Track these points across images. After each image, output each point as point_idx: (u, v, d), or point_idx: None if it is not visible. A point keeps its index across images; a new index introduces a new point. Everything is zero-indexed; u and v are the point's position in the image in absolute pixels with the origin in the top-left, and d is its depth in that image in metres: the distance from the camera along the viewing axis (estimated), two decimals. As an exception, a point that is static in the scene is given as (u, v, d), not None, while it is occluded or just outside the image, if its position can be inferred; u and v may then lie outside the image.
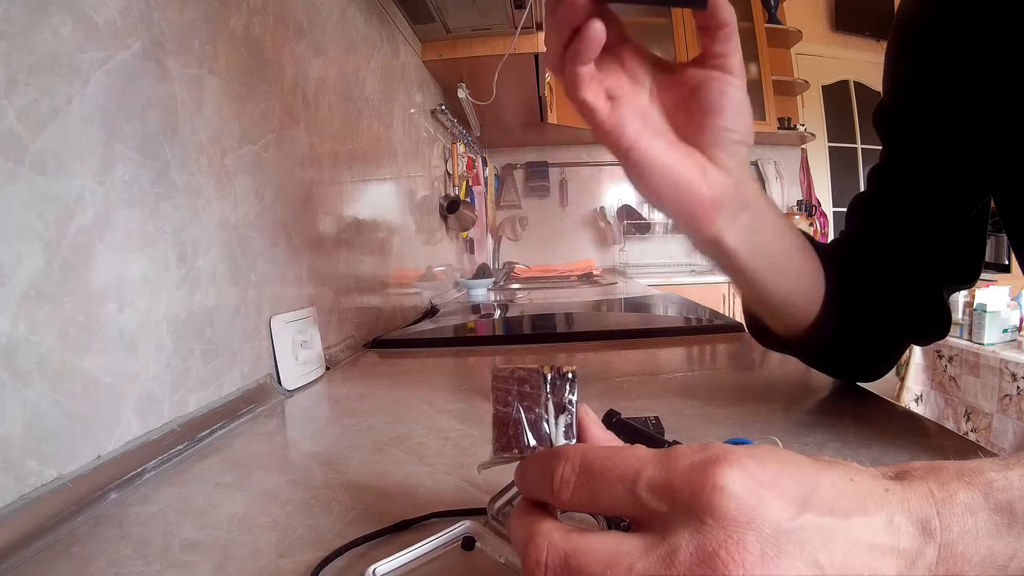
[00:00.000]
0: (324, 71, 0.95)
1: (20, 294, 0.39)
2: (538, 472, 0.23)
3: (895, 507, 0.20)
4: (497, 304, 1.79)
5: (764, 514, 0.18)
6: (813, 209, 3.47)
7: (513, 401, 0.24)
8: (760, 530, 0.18)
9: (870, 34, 3.65)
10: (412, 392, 0.71)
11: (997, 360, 2.00)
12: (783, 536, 0.18)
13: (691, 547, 0.18)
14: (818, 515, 0.19)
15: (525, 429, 0.24)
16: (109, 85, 0.48)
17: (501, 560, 0.30)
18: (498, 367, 0.25)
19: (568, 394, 0.25)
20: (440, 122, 1.89)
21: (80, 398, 0.44)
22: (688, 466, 0.20)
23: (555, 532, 0.21)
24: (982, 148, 0.45)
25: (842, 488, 0.20)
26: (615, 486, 0.21)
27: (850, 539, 0.19)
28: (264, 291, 0.72)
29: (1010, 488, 0.20)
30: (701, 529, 0.18)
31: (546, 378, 0.25)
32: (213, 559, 0.33)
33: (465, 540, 0.32)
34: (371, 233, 1.17)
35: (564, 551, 0.20)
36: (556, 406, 0.25)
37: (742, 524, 0.18)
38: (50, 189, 0.42)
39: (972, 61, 0.44)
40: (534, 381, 0.24)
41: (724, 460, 0.19)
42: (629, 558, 0.19)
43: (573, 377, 0.25)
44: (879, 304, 0.51)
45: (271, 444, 0.55)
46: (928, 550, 0.19)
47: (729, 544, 0.18)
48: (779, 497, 0.19)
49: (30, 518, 0.37)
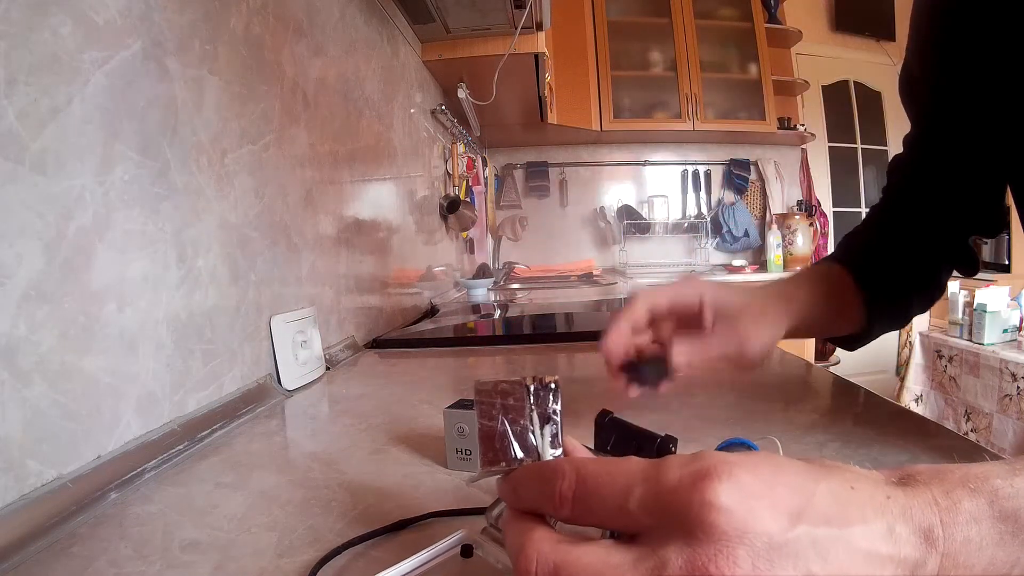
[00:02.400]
0: (324, 71, 0.95)
1: (20, 294, 0.39)
2: (536, 488, 0.23)
3: (896, 515, 0.19)
4: (497, 304, 1.79)
5: (755, 527, 0.18)
6: (813, 209, 3.46)
7: (498, 414, 0.24)
8: (752, 544, 0.18)
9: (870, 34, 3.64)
10: (412, 392, 0.71)
11: (997, 360, 2.00)
12: (775, 550, 0.18)
13: (680, 560, 0.18)
14: (813, 526, 0.18)
15: (512, 441, 0.24)
16: (109, 85, 0.48)
17: (499, 567, 0.30)
18: (480, 381, 0.25)
19: (552, 404, 0.25)
20: (440, 122, 1.89)
21: (80, 398, 0.44)
22: (678, 480, 0.19)
23: (545, 542, 0.21)
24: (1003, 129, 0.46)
25: (841, 496, 0.19)
26: (608, 502, 0.21)
27: (848, 549, 0.18)
28: (264, 291, 0.72)
29: (1016, 496, 0.20)
30: (691, 543, 0.18)
31: (529, 389, 0.24)
32: (213, 559, 0.33)
33: (464, 548, 0.32)
34: (371, 233, 1.17)
35: (554, 562, 0.20)
36: (541, 416, 0.24)
37: (733, 538, 0.18)
38: (50, 189, 0.42)
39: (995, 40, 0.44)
40: (517, 393, 0.24)
41: (714, 473, 0.19)
42: (618, 570, 0.19)
43: (556, 387, 0.25)
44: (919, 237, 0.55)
45: (271, 444, 0.55)
46: (930, 560, 0.19)
47: (719, 559, 0.18)
48: (772, 508, 0.19)
49: (30, 518, 0.37)
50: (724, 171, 3.54)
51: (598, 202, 3.52)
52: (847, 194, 3.74)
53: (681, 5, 3.14)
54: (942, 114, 0.52)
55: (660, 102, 3.20)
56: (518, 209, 3.39)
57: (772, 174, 3.52)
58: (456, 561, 0.32)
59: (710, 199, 3.55)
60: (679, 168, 3.55)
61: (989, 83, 0.45)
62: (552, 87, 2.26)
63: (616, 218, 3.43)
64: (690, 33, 3.14)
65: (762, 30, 3.22)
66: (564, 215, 3.51)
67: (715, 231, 3.48)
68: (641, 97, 3.18)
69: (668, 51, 3.17)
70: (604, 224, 3.49)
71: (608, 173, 3.54)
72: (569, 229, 3.52)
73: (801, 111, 3.52)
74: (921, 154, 0.56)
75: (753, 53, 3.22)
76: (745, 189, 3.50)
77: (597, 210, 3.51)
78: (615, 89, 3.08)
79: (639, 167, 3.54)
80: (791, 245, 3.18)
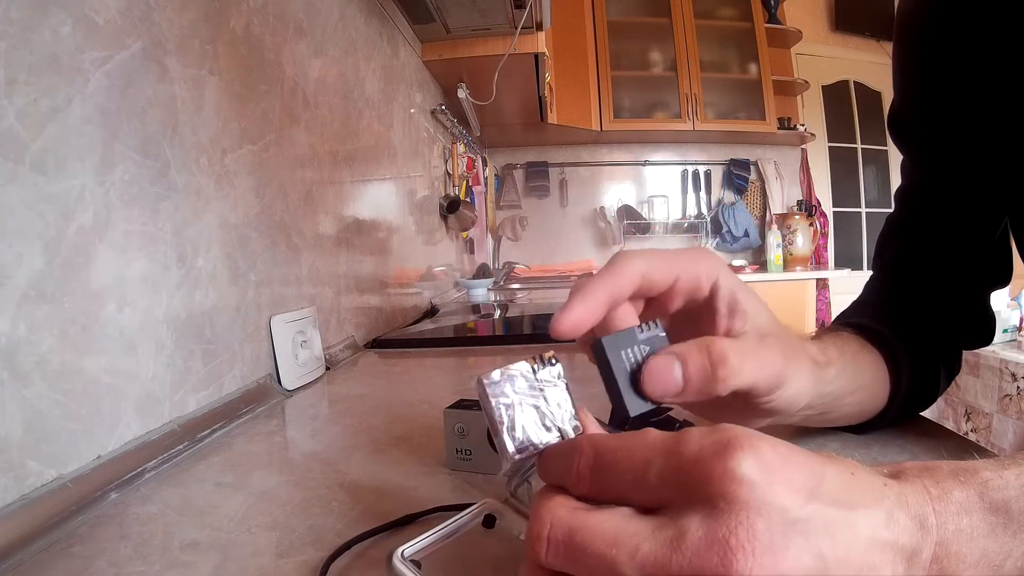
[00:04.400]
0: (324, 71, 0.95)
1: (20, 294, 0.39)
2: (557, 466, 0.23)
3: (893, 502, 0.19)
4: (497, 304, 1.79)
5: (774, 500, 0.18)
6: (813, 209, 3.47)
7: (512, 402, 0.24)
8: (769, 516, 0.18)
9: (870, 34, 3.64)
10: (412, 392, 0.71)
11: (997, 360, 2.00)
12: (790, 526, 0.18)
13: (701, 531, 0.18)
14: (824, 505, 0.19)
15: (533, 423, 0.24)
16: (109, 85, 0.48)
17: (521, 537, 0.30)
18: (484, 374, 0.24)
19: (558, 379, 0.25)
20: (440, 122, 1.89)
21: (80, 398, 0.44)
22: (699, 450, 0.19)
23: (562, 507, 0.21)
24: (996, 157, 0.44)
25: (845, 480, 0.20)
26: (627, 476, 0.20)
27: (853, 533, 0.19)
28: (264, 291, 0.72)
29: (1006, 487, 0.20)
30: (712, 514, 0.18)
31: (534, 370, 0.25)
32: (213, 559, 0.33)
33: (486, 518, 0.32)
34: (371, 233, 1.17)
35: (569, 526, 0.20)
36: (551, 393, 0.25)
37: (753, 510, 0.18)
38: (50, 189, 0.42)
39: (977, 62, 0.43)
40: (523, 376, 0.24)
41: (736, 444, 0.19)
42: (636, 538, 0.19)
43: (557, 361, 0.25)
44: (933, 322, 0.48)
45: (271, 444, 0.55)
46: (924, 548, 0.19)
47: (740, 531, 0.18)
48: (788, 484, 0.18)
49: (30, 518, 0.37)
50: (724, 171, 3.55)
51: (598, 202, 3.52)
52: (847, 194, 3.74)
53: (681, 5, 3.14)
54: (936, 154, 0.49)
55: (660, 102, 3.20)
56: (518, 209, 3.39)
57: (772, 174, 3.52)
58: (479, 531, 0.32)
59: (710, 199, 3.56)
60: (679, 168, 3.55)
61: (983, 116, 0.43)
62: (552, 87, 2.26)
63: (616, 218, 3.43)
64: (690, 33, 3.14)
65: (762, 30, 3.22)
66: (564, 215, 3.52)
67: (715, 231, 3.48)
68: (641, 97, 3.18)
69: (668, 51, 3.17)
70: (604, 224, 3.49)
71: (608, 173, 3.54)
72: (569, 229, 3.53)
73: (801, 111, 3.52)
74: (916, 212, 0.52)
75: (753, 53, 3.22)
76: (745, 189, 3.51)
77: (597, 210, 3.51)
78: (615, 89, 3.08)
79: (639, 167, 3.55)
80: (791, 245, 3.18)
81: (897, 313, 0.49)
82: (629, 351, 0.26)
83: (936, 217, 0.50)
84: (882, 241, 0.54)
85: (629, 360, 0.26)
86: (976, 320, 0.51)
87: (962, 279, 0.50)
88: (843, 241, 3.72)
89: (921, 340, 0.47)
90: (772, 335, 0.31)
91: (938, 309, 0.50)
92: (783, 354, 0.30)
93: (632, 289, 0.28)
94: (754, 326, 0.30)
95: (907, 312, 0.49)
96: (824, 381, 0.35)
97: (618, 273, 0.28)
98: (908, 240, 0.52)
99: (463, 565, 0.31)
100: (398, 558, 0.28)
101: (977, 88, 0.43)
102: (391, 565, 0.28)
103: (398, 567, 0.28)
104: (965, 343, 0.52)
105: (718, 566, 0.17)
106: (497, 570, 0.31)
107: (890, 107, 0.54)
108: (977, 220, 0.49)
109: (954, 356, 0.51)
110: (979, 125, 0.44)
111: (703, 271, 0.30)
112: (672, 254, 0.30)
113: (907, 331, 0.46)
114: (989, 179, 0.46)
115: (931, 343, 0.48)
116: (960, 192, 0.48)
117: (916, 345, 0.46)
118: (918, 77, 0.49)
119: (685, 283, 0.29)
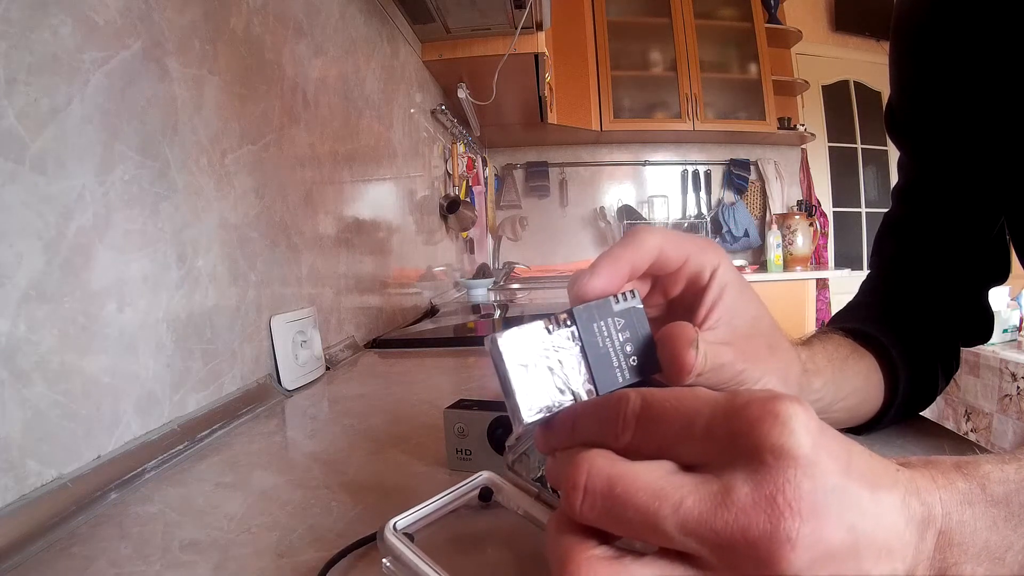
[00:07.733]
0: (324, 71, 0.95)
1: (20, 294, 0.39)
2: (598, 417, 0.22)
3: (905, 486, 0.19)
4: (497, 304, 1.79)
5: (819, 462, 0.18)
6: (813, 209, 3.46)
7: (526, 363, 0.23)
8: (815, 478, 0.17)
9: (870, 34, 3.64)
10: (412, 392, 0.71)
11: (997, 360, 2.00)
12: (831, 492, 0.18)
13: (747, 487, 0.17)
14: (854, 479, 0.18)
15: (548, 385, 0.23)
16: (109, 85, 0.48)
17: (520, 512, 0.30)
18: (498, 333, 0.23)
19: (578, 333, 0.24)
20: (440, 122, 1.89)
21: (80, 398, 0.44)
22: (748, 402, 0.19)
23: (600, 456, 0.20)
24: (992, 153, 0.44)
25: (868, 460, 0.20)
26: (673, 427, 0.20)
27: (878, 511, 0.18)
28: (264, 291, 0.72)
29: (1007, 481, 0.20)
30: (760, 469, 0.18)
31: (548, 330, 0.24)
32: (213, 559, 0.33)
33: (483, 491, 0.31)
34: (371, 233, 1.17)
35: (609, 475, 0.19)
36: (565, 356, 0.24)
37: (801, 468, 0.17)
38: (50, 189, 0.42)
39: (973, 57, 0.43)
40: (537, 337, 0.24)
41: (788, 400, 0.18)
42: (680, 491, 0.18)
43: (568, 315, 0.24)
44: (930, 320, 0.49)
45: (271, 444, 0.55)
46: (928, 535, 0.19)
47: (788, 489, 0.17)
48: (828, 451, 0.18)
49: (30, 518, 0.37)
50: (724, 171, 3.54)
51: (598, 202, 3.52)
52: (847, 194, 3.74)
53: (681, 5, 3.14)
54: (932, 150, 0.49)
55: (660, 102, 3.20)
56: (518, 209, 3.39)
57: (772, 174, 3.52)
58: (475, 505, 0.31)
59: (710, 199, 3.56)
60: (679, 168, 3.55)
61: (979, 112, 0.43)
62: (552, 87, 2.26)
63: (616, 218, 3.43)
64: (690, 33, 3.14)
65: (762, 30, 3.22)
66: (564, 215, 3.51)
67: (715, 231, 3.48)
68: (641, 97, 3.18)
69: (668, 51, 3.17)
70: (604, 224, 3.49)
71: (608, 173, 3.54)
72: (569, 229, 3.53)
73: (801, 111, 3.52)
74: (913, 209, 0.52)
75: (753, 53, 3.22)
76: (745, 189, 3.51)
77: (597, 210, 3.51)
78: (615, 89, 3.08)
79: (639, 167, 3.54)
80: (791, 245, 3.18)
81: (894, 312, 0.49)
82: (603, 323, 0.25)
83: (933, 214, 0.50)
84: (880, 238, 0.55)
85: (602, 333, 0.25)
86: (975, 317, 0.51)
87: (960, 276, 0.50)
88: (843, 241, 3.72)
89: (918, 339, 0.47)
90: (756, 336, 0.30)
91: (936, 306, 0.50)
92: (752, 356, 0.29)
93: (650, 262, 0.28)
94: (733, 326, 0.29)
95: (904, 310, 0.49)
96: (810, 391, 0.35)
97: (639, 245, 0.28)
98: (906, 237, 0.53)
99: (457, 539, 0.30)
100: (390, 530, 0.28)
101: (973, 84, 0.44)
102: (383, 538, 0.27)
103: (390, 540, 0.27)
104: (964, 340, 0.52)
105: (765, 524, 0.17)
106: (493, 544, 0.30)
107: (887, 103, 0.54)
108: (974, 217, 0.49)
109: (952, 354, 0.51)
110: (975, 121, 0.44)
111: (708, 259, 0.29)
112: (684, 236, 0.29)
113: (904, 330, 0.46)
114: (986, 176, 0.46)
115: (929, 341, 0.48)
116: (957, 189, 0.48)
117: (913, 345, 0.46)
118: (914, 73, 0.49)
119: (692, 267, 0.29)
